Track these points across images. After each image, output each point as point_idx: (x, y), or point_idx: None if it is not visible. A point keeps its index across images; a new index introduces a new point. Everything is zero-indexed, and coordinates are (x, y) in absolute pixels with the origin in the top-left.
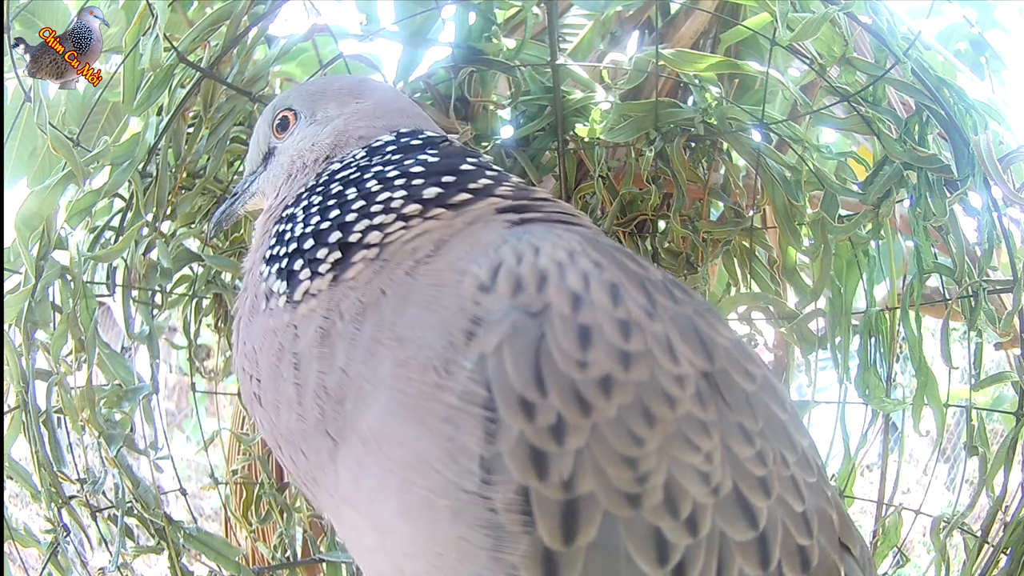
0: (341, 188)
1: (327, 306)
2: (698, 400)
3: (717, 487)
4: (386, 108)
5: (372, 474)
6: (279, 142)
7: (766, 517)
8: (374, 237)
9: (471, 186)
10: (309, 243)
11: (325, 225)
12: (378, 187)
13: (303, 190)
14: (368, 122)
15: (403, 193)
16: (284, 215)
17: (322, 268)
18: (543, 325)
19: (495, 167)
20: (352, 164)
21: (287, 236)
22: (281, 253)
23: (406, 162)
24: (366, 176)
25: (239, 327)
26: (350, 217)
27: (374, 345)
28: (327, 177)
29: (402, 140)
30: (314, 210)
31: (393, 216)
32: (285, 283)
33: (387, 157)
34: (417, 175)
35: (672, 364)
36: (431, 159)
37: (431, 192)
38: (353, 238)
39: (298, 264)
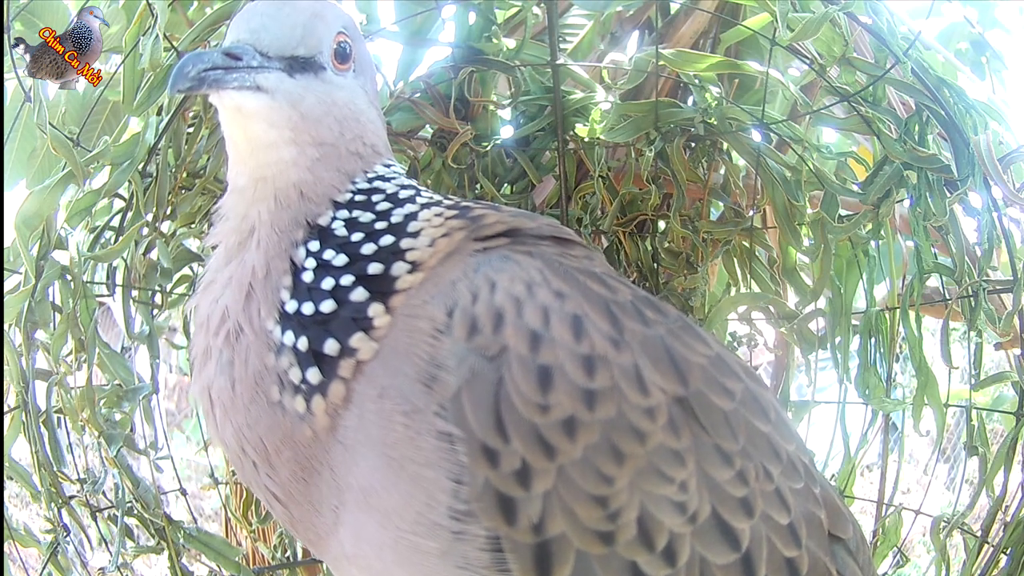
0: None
1: (352, 409)
2: (671, 429)
3: (694, 515)
4: (374, 93)
5: (368, 527)
6: (329, 69)
7: (749, 537)
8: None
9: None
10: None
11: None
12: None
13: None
14: (373, 121)
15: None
16: (310, 249)
17: (343, 368)
18: (501, 368)
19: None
20: (368, 205)
21: (314, 300)
22: (310, 318)
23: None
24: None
25: (213, 381)
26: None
27: (361, 402)
28: (347, 217)
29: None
30: (338, 261)
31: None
32: (317, 370)
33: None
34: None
35: (641, 396)
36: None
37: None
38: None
39: (331, 347)
